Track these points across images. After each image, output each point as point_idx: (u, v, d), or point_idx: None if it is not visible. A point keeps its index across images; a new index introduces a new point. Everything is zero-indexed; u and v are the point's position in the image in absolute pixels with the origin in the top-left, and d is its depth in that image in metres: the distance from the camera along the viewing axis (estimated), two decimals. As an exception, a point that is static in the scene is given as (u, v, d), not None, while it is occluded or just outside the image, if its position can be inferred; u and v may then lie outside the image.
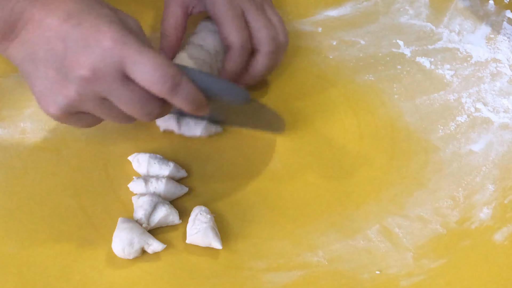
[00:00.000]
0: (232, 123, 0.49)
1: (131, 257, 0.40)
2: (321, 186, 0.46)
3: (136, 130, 0.49)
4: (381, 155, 0.49)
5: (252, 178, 0.46)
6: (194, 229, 0.41)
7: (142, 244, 0.40)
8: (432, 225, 0.43)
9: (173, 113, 0.48)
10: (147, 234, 0.40)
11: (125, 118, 0.39)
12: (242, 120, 0.49)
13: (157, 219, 0.41)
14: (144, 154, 0.45)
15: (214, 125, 0.48)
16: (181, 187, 0.44)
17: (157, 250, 0.40)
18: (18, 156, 0.46)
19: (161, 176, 0.44)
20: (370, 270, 0.40)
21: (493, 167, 0.48)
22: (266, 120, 0.49)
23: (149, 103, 0.37)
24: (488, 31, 0.61)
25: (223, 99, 0.41)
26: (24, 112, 0.50)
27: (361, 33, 0.61)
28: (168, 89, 0.36)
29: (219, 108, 0.43)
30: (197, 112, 0.39)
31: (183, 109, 0.38)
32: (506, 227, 0.43)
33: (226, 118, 0.49)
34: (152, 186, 0.43)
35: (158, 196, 0.43)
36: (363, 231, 0.43)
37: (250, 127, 0.49)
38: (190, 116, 0.48)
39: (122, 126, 0.49)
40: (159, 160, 0.45)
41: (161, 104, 0.38)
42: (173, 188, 0.43)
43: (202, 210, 0.42)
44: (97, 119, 0.40)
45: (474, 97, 0.54)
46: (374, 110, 0.53)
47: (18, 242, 0.41)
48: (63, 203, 0.43)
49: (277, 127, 0.50)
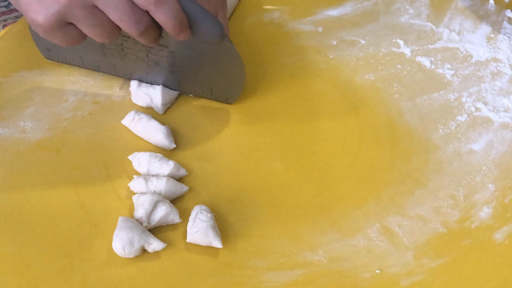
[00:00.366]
0: (187, 86, 0.51)
1: (132, 256, 0.40)
2: (321, 185, 0.46)
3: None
4: (381, 154, 0.49)
5: (253, 177, 0.46)
6: (195, 228, 0.41)
7: (143, 243, 0.40)
8: (432, 225, 0.43)
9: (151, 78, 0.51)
10: (147, 233, 0.40)
11: (112, 30, 0.40)
12: (199, 81, 0.50)
13: (158, 218, 0.41)
14: (144, 153, 0.46)
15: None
16: (181, 186, 0.44)
17: (157, 249, 0.40)
18: (18, 155, 0.46)
19: (161, 175, 0.44)
20: (370, 269, 0.40)
21: (493, 167, 0.48)
22: (224, 83, 0.50)
23: (136, 11, 0.38)
24: (489, 30, 0.61)
25: (200, 28, 0.42)
26: (24, 112, 0.50)
27: (361, 32, 0.61)
28: (153, 1, 0.37)
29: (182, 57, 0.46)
30: (178, 33, 0.41)
31: (165, 26, 0.40)
32: (506, 227, 0.43)
33: (183, 78, 0.50)
34: (152, 185, 0.43)
35: (159, 195, 0.43)
36: (363, 230, 0.43)
37: (204, 91, 0.51)
38: (151, 79, 0.51)
39: (122, 125, 0.49)
40: (160, 159, 0.45)
41: (148, 16, 0.39)
42: (173, 187, 0.44)
43: (203, 209, 0.42)
44: (82, 35, 0.40)
45: (475, 96, 0.54)
46: (374, 110, 0.53)
47: (18, 242, 0.41)
48: (64, 202, 0.43)
49: (231, 95, 0.51)
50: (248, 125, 0.51)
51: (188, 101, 0.52)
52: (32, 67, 0.54)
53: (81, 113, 0.50)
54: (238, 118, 0.51)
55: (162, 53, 0.49)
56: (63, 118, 0.50)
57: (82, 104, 0.51)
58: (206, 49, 0.47)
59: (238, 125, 0.50)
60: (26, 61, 0.55)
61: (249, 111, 0.52)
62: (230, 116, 0.51)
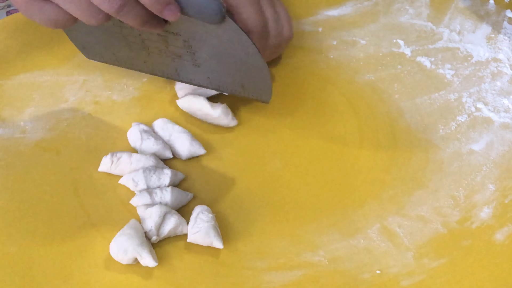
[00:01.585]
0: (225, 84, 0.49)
1: (124, 262, 0.39)
2: (321, 185, 0.46)
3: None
4: (382, 154, 0.49)
5: (253, 177, 0.46)
6: (196, 228, 0.40)
7: (135, 255, 0.39)
8: (432, 225, 0.43)
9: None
10: (144, 246, 0.39)
11: (94, 9, 0.36)
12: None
13: (167, 230, 0.41)
14: (135, 172, 0.44)
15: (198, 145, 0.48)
16: (186, 194, 0.44)
17: (149, 265, 0.39)
18: (18, 155, 0.46)
19: (163, 185, 0.44)
20: (370, 269, 0.40)
21: (493, 167, 0.48)
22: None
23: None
24: (489, 30, 0.61)
25: (194, 7, 0.38)
26: (24, 112, 0.50)
27: (361, 32, 0.61)
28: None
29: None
30: (160, 10, 0.36)
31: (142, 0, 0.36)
32: (506, 227, 0.43)
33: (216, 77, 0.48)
34: (157, 197, 0.42)
35: (166, 206, 0.42)
36: (363, 230, 0.43)
37: (235, 87, 0.49)
38: (183, 77, 0.49)
39: (123, 126, 0.49)
40: (155, 171, 0.44)
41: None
42: (179, 196, 0.43)
43: (204, 209, 0.42)
44: (60, 14, 0.37)
45: (475, 96, 0.54)
46: (375, 110, 0.53)
47: (18, 242, 0.41)
48: (63, 203, 0.43)
49: (263, 90, 0.48)
50: (247, 124, 0.50)
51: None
52: (32, 67, 0.54)
53: (81, 113, 0.50)
54: (238, 118, 0.51)
55: (178, 43, 0.46)
56: (63, 118, 0.50)
57: (83, 104, 0.51)
58: (216, 34, 0.43)
59: (237, 125, 0.50)
60: (26, 61, 0.55)
61: (249, 111, 0.52)
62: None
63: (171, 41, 0.45)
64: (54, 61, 0.55)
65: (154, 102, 0.52)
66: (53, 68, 0.54)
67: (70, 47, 0.55)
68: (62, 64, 0.55)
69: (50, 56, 0.56)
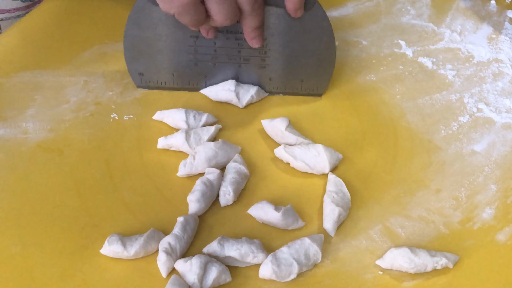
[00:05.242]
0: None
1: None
2: (322, 186, 0.46)
3: (138, 129, 0.49)
4: (383, 155, 0.49)
5: (252, 177, 0.46)
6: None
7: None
8: (434, 225, 0.43)
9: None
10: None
11: (235, 9, 0.43)
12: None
13: (211, 281, 0.38)
14: (179, 109, 0.49)
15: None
16: (235, 147, 0.47)
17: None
18: (20, 156, 0.46)
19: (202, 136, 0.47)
20: (372, 270, 0.40)
21: (495, 167, 0.48)
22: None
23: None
24: (490, 31, 0.62)
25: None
26: (26, 112, 0.50)
27: (363, 33, 0.61)
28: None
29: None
30: (295, 10, 0.45)
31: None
32: (508, 227, 0.43)
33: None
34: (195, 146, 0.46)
35: (205, 256, 0.39)
36: (365, 231, 0.43)
37: (294, 84, 0.52)
38: (241, 81, 0.53)
39: (124, 126, 0.49)
40: (195, 113, 0.49)
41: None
42: (228, 148, 0.46)
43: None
44: (207, 16, 0.44)
45: (476, 97, 0.54)
46: (376, 111, 0.53)
47: (20, 242, 0.41)
48: (65, 203, 0.43)
49: (321, 83, 0.52)
50: (248, 124, 0.51)
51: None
52: (34, 68, 0.54)
53: (82, 114, 0.50)
54: (238, 118, 0.51)
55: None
56: (65, 119, 0.50)
57: (84, 105, 0.51)
58: (297, 25, 0.48)
59: (237, 125, 0.50)
60: (28, 61, 0.55)
61: (249, 111, 0.52)
62: (230, 115, 0.51)
63: (247, 44, 0.49)
64: (55, 62, 0.55)
65: (155, 103, 0.52)
66: (54, 69, 0.54)
67: (71, 48, 0.56)
68: (63, 65, 0.55)
69: (51, 57, 0.56)
